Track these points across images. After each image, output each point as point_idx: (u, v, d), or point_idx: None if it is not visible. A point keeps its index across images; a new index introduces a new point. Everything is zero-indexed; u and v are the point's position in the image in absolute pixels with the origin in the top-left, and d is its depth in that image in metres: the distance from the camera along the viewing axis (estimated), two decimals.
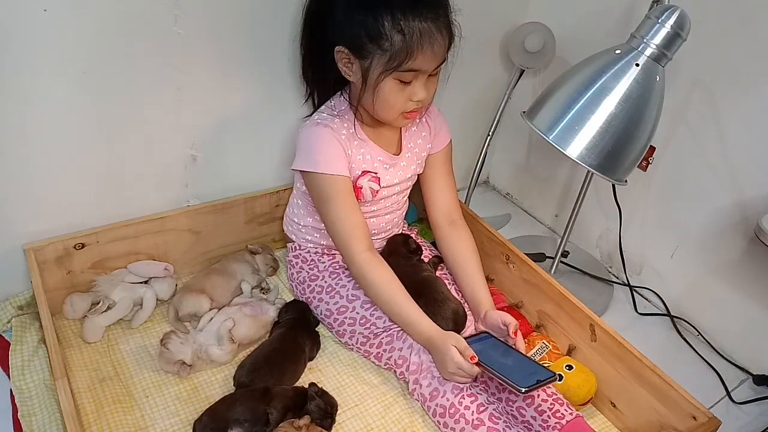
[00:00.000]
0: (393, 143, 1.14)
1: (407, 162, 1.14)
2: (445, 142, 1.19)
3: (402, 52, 0.93)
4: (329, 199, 1.05)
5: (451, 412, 0.93)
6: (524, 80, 1.43)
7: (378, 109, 1.02)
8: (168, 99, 1.05)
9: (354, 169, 1.08)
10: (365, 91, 1.00)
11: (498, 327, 1.02)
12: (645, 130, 0.97)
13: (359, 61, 0.98)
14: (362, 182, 1.08)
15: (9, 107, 0.92)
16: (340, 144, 1.05)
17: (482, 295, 1.10)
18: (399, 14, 0.92)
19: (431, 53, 0.95)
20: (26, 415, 0.91)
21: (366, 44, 0.95)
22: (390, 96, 0.99)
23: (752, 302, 1.19)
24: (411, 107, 1.01)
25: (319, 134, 1.05)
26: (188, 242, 1.18)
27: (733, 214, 1.18)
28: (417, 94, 0.99)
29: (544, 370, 0.93)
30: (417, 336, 1.00)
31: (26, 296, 1.08)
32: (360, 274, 1.04)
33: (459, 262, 1.15)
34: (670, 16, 0.92)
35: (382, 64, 0.95)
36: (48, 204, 1.04)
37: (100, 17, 0.92)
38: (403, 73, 0.96)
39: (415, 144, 1.15)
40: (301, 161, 1.07)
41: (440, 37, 0.95)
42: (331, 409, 0.95)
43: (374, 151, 1.10)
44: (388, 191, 1.13)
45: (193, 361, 1.00)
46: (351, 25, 0.95)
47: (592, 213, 1.44)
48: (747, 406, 1.15)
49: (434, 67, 0.98)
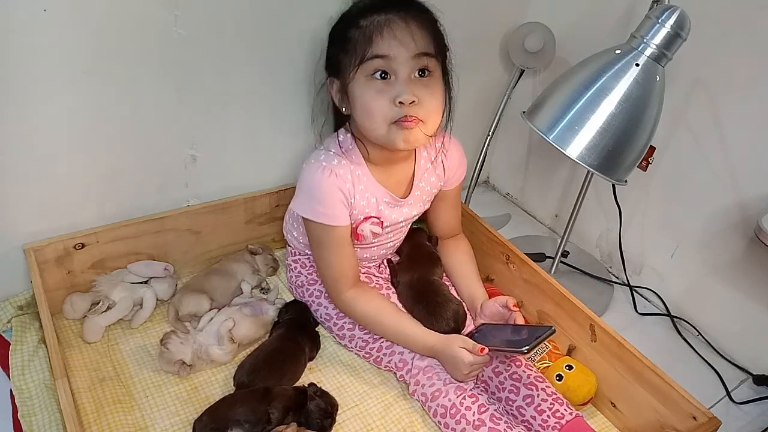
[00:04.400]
0: (402, 185, 1.08)
1: (414, 201, 1.10)
2: (460, 180, 1.15)
3: (360, 44, 0.90)
4: (324, 246, 1.02)
5: (452, 413, 0.93)
6: (524, 80, 1.43)
7: (364, 125, 0.96)
8: (168, 99, 1.05)
9: (356, 214, 1.03)
10: (352, 110, 0.96)
11: (498, 311, 1.04)
12: (645, 130, 0.97)
13: (339, 81, 0.97)
14: (363, 227, 1.05)
15: (9, 107, 0.92)
16: (343, 194, 0.99)
17: (478, 291, 1.11)
18: (358, 17, 0.92)
19: (392, 38, 0.89)
20: (26, 415, 0.91)
21: (337, 56, 0.95)
22: (366, 96, 0.92)
23: (752, 302, 1.19)
24: (398, 114, 0.92)
25: (322, 182, 0.98)
26: (188, 242, 1.18)
27: (733, 214, 1.18)
28: (400, 94, 0.90)
29: (540, 327, 0.95)
30: (419, 348, 1.01)
31: (26, 296, 1.08)
32: (348, 310, 1.05)
33: (456, 266, 1.17)
34: (670, 16, 0.92)
35: (349, 64, 0.92)
36: (48, 204, 1.04)
37: (100, 17, 0.91)
38: (368, 63, 0.90)
39: (426, 183, 1.10)
40: (301, 206, 1.02)
41: (404, 24, 0.90)
42: (331, 409, 0.95)
43: (380, 192, 1.04)
44: (392, 228, 1.11)
45: (193, 361, 1.00)
46: (329, 53, 0.99)
47: (592, 213, 1.44)
48: (747, 406, 1.15)
49: (407, 55, 0.90)
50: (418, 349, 1.01)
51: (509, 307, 1.02)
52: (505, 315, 1.03)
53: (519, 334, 0.97)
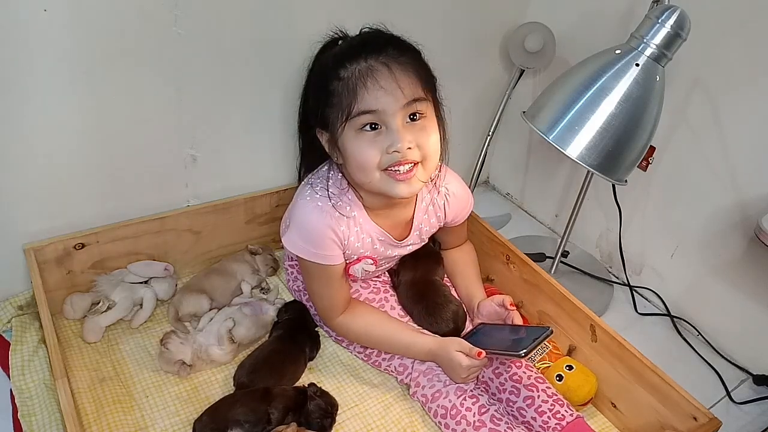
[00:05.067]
0: (400, 227, 1.04)
1: (413, 242, 1.07)
2: (464, 217, 1.12)
3: (345, 98, 0.86)
4: (315, 279, 1.01)
5: (453, 414, 0.93)
6: (524, 80, 1.43)
7: (356, 175, 0.92)
8: (168, 99, 1.05)
9: (349, 254, 1.00)
10: (344, 162, 0.93)
11: (495, 310, 1.04)
12: (645, 130, 0.97)
13: (328, 134, 0.93)
14: (355, 268, 1.03)
15: (9, 107, 0.92)
16: (337, 236, 0.96)
17: (476, 291, 1.11)
18: (338, 68, 0.88)
19: (377, 87, 0.85)
20: (26, 415, 0.91)
21: (324, 111, 0.91)
22: (357, 151, 0.88)
23: (752, 302, 1.19)
24: (393, 160, 0.88)
25: (316, 224, 0.95)
26: (188, 242, 1.18)
27: (733, 214, 1.18)
28: (393, 143, 0.87)
29: (537, 328, 0.95)
30: (418, 354, 1.01)
31: (26, 296, 1.08)
32: (342, 333, 1.06)
33: (457, 267, 1.17)
34: (670, 16, 0.92)
35: (337, 120, 0.88)
36: (48, 204, 1.04)
37: (100, 17, 0.91)
38: (356, 119, 0.87)
39: (426, 224, 1.07)
40: (294, 245, 0.97)
41: (386, 69, 0.86)
42: (331, 409, 0.95)
43: (376, 232, 1.01)
44: (386, 261, 1.09)
45: (193, 361, 1.00)
46: (314, 104, 0.95)
47: (592, 213, 1.44)
48: (747, 406, 1.15)
49: (397, 106, 0.86)
50: (416, 355, 1.01)
51: (506, 306, 1.02)
52: (503, 314, 1.03)
53: (517, 334, 0.97)
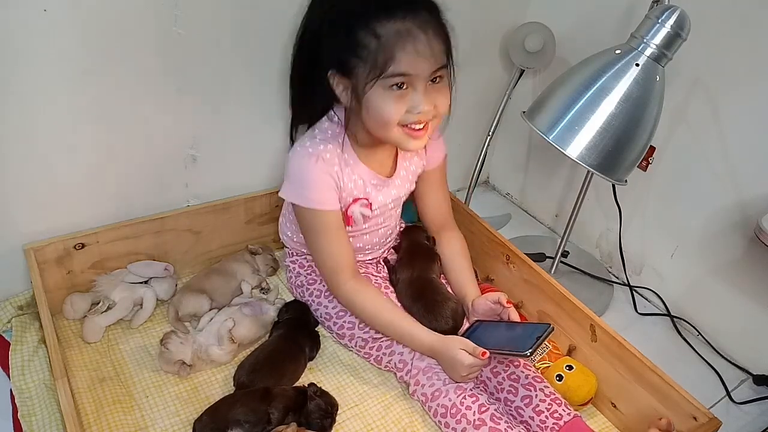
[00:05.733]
0: (386, 165, 1.09)
1: (401, 181, 1.11)
2: (440, 159, 1.16)
3: (381, 56, 0.89)
4: (317, 233, 1.03)
5: (453, 412, 0.93)
6: (524, 80, 1.43)
7: (374, 127, 0.97)
8: (168, 99, 1.05)
9: (345, 197, 1.04)
10: (360, 110, 0.96)
11: (490, 309, 1.04)
12: (645, 130, 0.97)
13: (347, 80, 0.95)
14: (353, 209, 1.06)
15: (9, 107, 0.92)
16: (331, 177, 1.00)
17: (469, 288, 1.11)
18: (372, 20, 0.89)
19: (415, 53, 0.89)
20: (26, 415, 0.91)
21: (349, 60, 0.92)
22: (382, 107, 0.92)
23: (752, 302, 1.19)
24: (412, 119, 0.94)
25: (310, 167, 0.99)
26: (188, 242, 1.18)
27: (733, 214, 1.18)
28: (417, 105, 0.92)
29: (538, 326, 0.95)
30: (419, 347, 1.01)
31: (26, 296, 1.08)
32: (348, 304, 1.05)
33: (449, 262, 1.17)
34: (670, 16, 0.92)
35: (366, 74, 0.91)
36: (48, 204, 1.04)
37: (100, 17, 0.92)
38: (389, 79, 0.90)
39: (410, 163, 1.12)
40: (290, 192, 1.03)
41: (423, 35, 0.89)
42: (331, 409, 0.95)
43: (366, 174, 1.05)
44: (381, 210, 1.11)
45: (193, 361, 1.00)
46: (335, 46, 0.94)
47: (592, 213, 1.44)
48: (747, 406, 1.15)
49: (428, 72, 0.91)
50: (416, 347, 1.01)
51: (502, 303, 1.02)
52: (497, 311, 1.03)
53: (517, 332, 0.97)
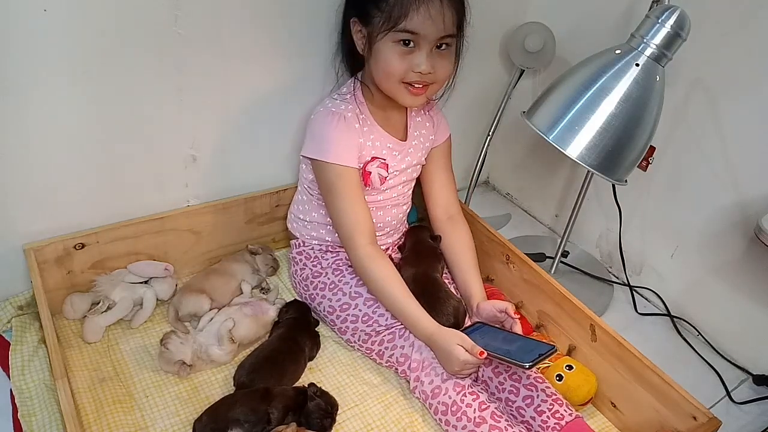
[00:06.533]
0: (400, 129, 1.15)
1: (414, 149, 1.16)
2: (446, 136, 1.22)
3: (396, 11, 0.95)
4: (337, 191, 1.06)
5: (453, 410, 0.93)
6: (524, 80, 1.43)
7: (379, 77, 1.03)
8: (168, 99, 1.05)
9: (364, 155, 1.09)
10: (370, 59, 1.02)
11: (494, 315, 1.04)
12: (645, 130, 0.97)
13: (366, 29, 1.01)
14: (371, 168, 1.10)
15: (9, 107, 0.92)
16: (352, 134, 1.06)
17: (475, 288, 1.11)
18: None
19: (427, 16, 0.95)
20: (26, 415, 0.91)
21: (370, 9, 0.98)
22: (389, 59, 0.99)
23: (752, 302, 1.19)
24: (413, 78, 1.01)
25: (332, 123, 1.06)
26: (188, 242, 1.18)
27: (733, 214, 1.18)
28: (419, 64, 0.99)
29: (542, 344, 0.95)
30: (418, 333, 1.01)
31: (26, 296, 1.08)
32: (362, 268, 1.05)
33: (455, 258, 1.17)
34: (670, 16, 0.92)
35: (380, 25, 0.97)
36: (48, 204, 1.04)
37: (100, 17, 0.92)
38: (398, 34, 0.96)
39: (420, 133, 1.17)
40: (311, 149, 1.08)
41: (439, 2, 0.95)
42: (331, 409, 0.95)
43: (383, 137, 1.11)
44: (395, 180, 1.14)
45: (193, 361, 1.00)
46: None
47: (592, 213, 1.44)
48: (747, 406, 1.15)
49: (435, 36, 0.97)
50: (416, 331, 1.01)
51: (509, 313, 1.02)
52: (501, 319, 1.03)
53: (515, 342, 0.97)
